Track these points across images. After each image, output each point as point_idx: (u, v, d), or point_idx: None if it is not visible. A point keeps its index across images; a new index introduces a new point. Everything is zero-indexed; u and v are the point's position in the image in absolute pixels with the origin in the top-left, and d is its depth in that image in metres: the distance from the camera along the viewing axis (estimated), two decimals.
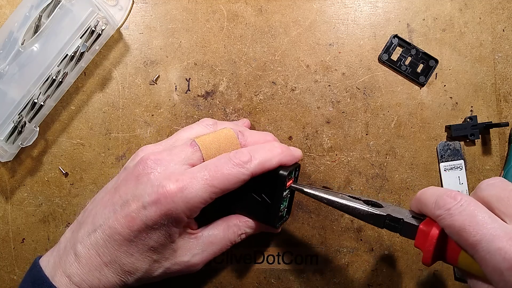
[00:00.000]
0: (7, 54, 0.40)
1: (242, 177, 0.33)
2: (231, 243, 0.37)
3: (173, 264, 0.34)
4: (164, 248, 0.33)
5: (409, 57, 0.46)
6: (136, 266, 0.33)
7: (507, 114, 0.46)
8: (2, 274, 0.44)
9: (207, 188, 0.31)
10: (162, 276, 0.35)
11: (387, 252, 0.45)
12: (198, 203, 0.32)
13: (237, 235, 0.37)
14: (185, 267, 0.35)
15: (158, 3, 0.46)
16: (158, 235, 0.32)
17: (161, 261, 0.34)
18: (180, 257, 0.34)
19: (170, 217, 0.31)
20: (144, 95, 0.45)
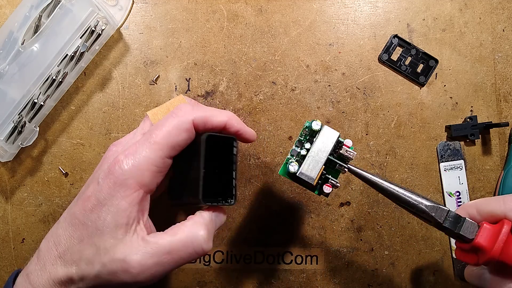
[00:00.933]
0: (7, 54, 0.40)
1: (184, 126, 0.30)
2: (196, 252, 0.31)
3: (110, 260, 0.29)
4: (109, 232, 0.29)
5: (409, 57, 0.46)
6: (82, 254, 0.30)
7: (507, 114, 0.46)
8: (2, 274, 0.44)
9: (152, 146, 0.30)
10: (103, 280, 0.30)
11: (387, 252, 0.45)
12: (147, 165, 0.30)
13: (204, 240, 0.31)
14: (120, 268, 0.29)
15: (158, 3, 0.46)
16: (107, 213, 0.29)
17: (101, 254, 0.29)
18: (119, 252, 0.29)
19: (119, 185, 0.29)
20: (144, 95, 0.45)
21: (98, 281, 0.29)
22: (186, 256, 0.30)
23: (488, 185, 0.45)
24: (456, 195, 0.45)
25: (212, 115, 0.32)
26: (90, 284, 0.30)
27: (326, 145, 0.34)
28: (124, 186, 0.29)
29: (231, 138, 0.33)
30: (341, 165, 0.35)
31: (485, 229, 0.31)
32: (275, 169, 0.45)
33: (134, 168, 0.29)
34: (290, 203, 0.45)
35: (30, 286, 0.30)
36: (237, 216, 0.45)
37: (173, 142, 0.30)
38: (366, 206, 0.45)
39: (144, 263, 0.29)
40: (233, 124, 0.33)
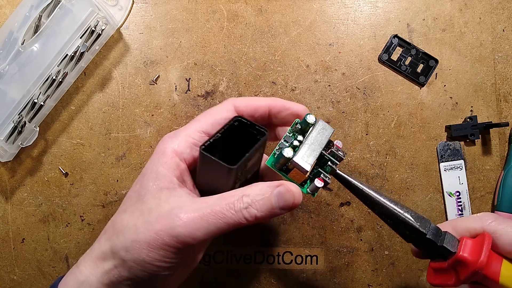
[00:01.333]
0: (7, 54, 0.40)
1: (224, 107, 0.33)
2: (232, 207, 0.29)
3: (156, 217, 0.29)
4: (150, 196, 0.30)
5: (409, 57, 0.46)
6: (124, 221, 0.30)
7: (507, 114, 0.46)
8: (2, 274, 0.44)
9: (192, 122, 0.33)
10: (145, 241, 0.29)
11: (387, 252, 0.45)
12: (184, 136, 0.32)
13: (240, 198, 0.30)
14: (166, 223, 0.28)
15: (158, 3, 0.46)
16: (147, 179, 0.31)
17: (145, 214, 0.30)
18: (165, 208, 0.29)
19: (158, 152, 0.31)
20: (144, 95, 0.45)
21: (142, 248, 0.29)
22: (228, 215, 0.29)
23: (488, 185, 0.45)
24: (456, 195, 0.45)
25: (253, 99, 0.34)
26: (133, 255, 0.29)
27: (321, 138, 0.32)
28: (163, 154, 0.31)
29: (262, 128, 0.31)
30: (333, 162, 0.32)
31: (467, 242, 0.30)
32: None
33: (172, 138, 0.32)
34: None
35: (76, 268, 0.31)
36: None
37: (212, 118, 0.32)
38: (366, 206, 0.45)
39: (189, 215, 0.28)
40: (277, 103, 0.33)
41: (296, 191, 0.30)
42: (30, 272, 0.44)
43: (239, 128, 0.31)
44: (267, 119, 0.34)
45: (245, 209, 0.29)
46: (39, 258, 0.44)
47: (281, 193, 0.29)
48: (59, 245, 0.44)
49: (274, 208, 0.29)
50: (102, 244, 0.31)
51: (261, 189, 0.29)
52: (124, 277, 0.30)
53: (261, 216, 0.29)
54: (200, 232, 0.28)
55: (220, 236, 0.45)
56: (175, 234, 0.28)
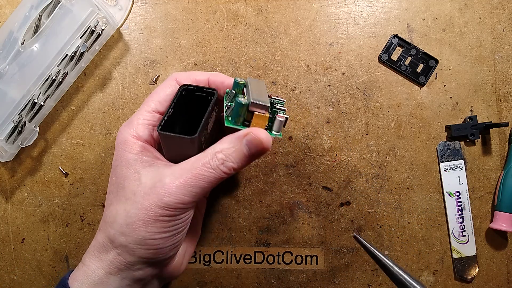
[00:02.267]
0: (7, 54, 0.40)
1: (167, 83, 0.34)
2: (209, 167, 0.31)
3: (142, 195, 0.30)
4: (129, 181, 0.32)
5: (409, 57, 0.46)
6: (112, 212, 0.32)
7: (507, 114, 0.46)
8: (2, 274, 0.44)
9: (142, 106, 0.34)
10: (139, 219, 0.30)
11: (387, 252, 0.45)
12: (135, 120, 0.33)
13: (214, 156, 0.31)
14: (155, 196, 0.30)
15: (158, 3, 0.46)
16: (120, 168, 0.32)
17: (130, 197, 0.31)
18: (148, 185, 0.31)
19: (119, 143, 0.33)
20: (144, 95, 0.45)
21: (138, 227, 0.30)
22: (208, 174, 0.30)
23: (488, 185, 0.45)
24: (456, 195, 0.45)
25: (194, 73, 0.35)
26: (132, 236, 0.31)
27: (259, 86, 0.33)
28: (125, 142, 0.33)
29: (211, 91, 0.32)
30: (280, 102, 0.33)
31: None
32: (275, 169, 0.45)
33: (127, 126, 0.33)
34: (290, 203, 0.45)
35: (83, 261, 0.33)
36: (237, 216, 0.45)
37: (157, 96, 0.34)
38: (366, 206, 0.45)
39: (172, 183, 0.30)
40: (216, 79, 0.35)
41: (263, 135, 0.31)
42: (30, 272, 0.44)
43: (189, 96, 0.32)
44: None
45: (222, 164, 0.31)
46: (39, 258, 0.44)
47: (250, 141, 0.30)
48: (59, 245, 0.44)
49: (247, 156, 0.31)
50: (99, 239, 0.33)
51: (231, 142, 0.31)
52: (130, 262, 0.31)
53: (238, 166, 0.31)
54: (187, 196, 0.30)
55: (220, 236, 0.46)
56: (164, 204, 0.30)
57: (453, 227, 0.45)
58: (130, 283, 0.32)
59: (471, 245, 0.45)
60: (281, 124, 0.32)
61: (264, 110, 0.31)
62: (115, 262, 0.31)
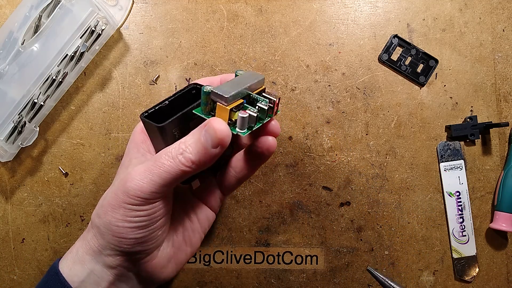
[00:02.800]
0: (7, 54, 0.40)
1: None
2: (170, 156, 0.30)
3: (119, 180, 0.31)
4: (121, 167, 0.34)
5: (409, 57, 0.46)
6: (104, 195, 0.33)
7: (507, 114, 0.46)
8: (2, 274, 0.44)
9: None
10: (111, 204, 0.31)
11: (387, 252, 0.45)
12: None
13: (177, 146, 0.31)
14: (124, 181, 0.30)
15: (158, 3, 0.46)
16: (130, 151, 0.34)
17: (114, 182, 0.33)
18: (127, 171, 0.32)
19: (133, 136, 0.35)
20: (144, 95, 0.45)
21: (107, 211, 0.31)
22: (167, 164, 0.30)
23: (488, 185, 0.45)
24: (456, 195, 0.45)
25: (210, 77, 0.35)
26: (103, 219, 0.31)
27: (248, 79, 0.30)
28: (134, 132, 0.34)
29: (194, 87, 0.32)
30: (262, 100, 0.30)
31: None
32: (275, 169, 0.45)
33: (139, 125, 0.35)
34: (290, 203, 0.45)
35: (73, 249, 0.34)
36: (237, 216, 0.45)
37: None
38: (366, 206, 0.45)
39: (136, 170, 0.30)
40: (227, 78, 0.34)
41: (220, 126, 0.29)
42: (30, 272, 0.44)
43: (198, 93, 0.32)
44: None
45: (180, 155, 0.30)
46: (39, 258, 0.44)
47: (206, 130, 0.29)
48: (59, 245, 0.44)
49: (206, 148, 0.29)
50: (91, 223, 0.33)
51: (193, 133, 0.30)
52: (101, 245, 0.32)
53: (197, 158, 0.29)
54: (146, 184, 0.29)
55: (220, 236, 0.46)
56: (126, 189, 0.30)
57: (453, 227, 0.45)
58: (103, 268, 0.32)
59: (471, 245, 0.45)
60: (244, 120, 0.29)
61: (223, 101, 0.29)
62: (90, 242, 0.32)
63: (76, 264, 0.32)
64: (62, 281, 0.32)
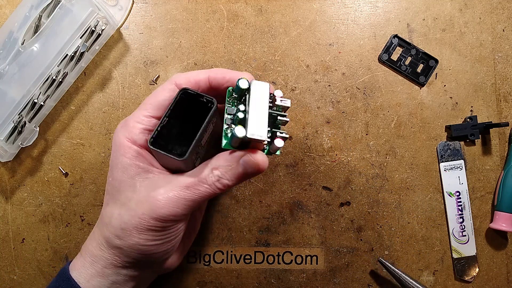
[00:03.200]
0: (7, 54, 0.40)
1: (166, 86, 0.33)
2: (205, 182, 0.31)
3: (137, 203, 0.31)
4: (125, 186, 0.32)
5: (409, 57, 0.46)
6: (109, 213, 0.33)
7: (507, 114, 0.46)
8: (2, 274, 0.44)
9: (139, 107, 0.33)
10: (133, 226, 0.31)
11: (387, 252, 0.45)
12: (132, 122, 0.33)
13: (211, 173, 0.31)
14: (147, 205, 0.31)
15: (158, 3, 0.46)
16: (116, 171, 0.33)
17: (126, 203, 0.32)
18: (142, 194, 0.31)
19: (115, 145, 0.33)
20: (144, 95, 0.45)
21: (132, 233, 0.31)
22: (203, 190, 0.31)
23: (488, 185, 0.45)
24: (456, 195, 0.45)
25: (193, 73, 0.33)
26: (127, 241, 0.31)
27: (262, 99, 0.31)
28: (120, 145, 0.32)
29: (210, 98, 0.31)
30: (282, 115, 0.32)
31: None
32: (275, 169, 0.45)
33: (123, 128, 0.33)
34: (290, 203, 0.45)
35: (81, 252, 0.34)
36: (237, 216, 0.45)
37: (156, 101, 0.33)
38: (366, 206, 0.45)
39: (167, 195, 0.31)
40: (216, 75, 0.33)
41: (260, 158, 0.31)
42: (30, 272, 0.44)
43: (188, 99, 0.31)
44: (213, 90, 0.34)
45: (217, 181, 0.31)
46: (39, 258, 0.44)
47: (247, 162, 0.31)
48: (59, 245, 0.44)
49: (242, 175, 0.31)
50: (97, 237, 0.34)
51: (228, 160, 0.31)
52: (125, 261, 0.33)
53: (232, 184, 0.32)
54: (179, 209, 0.31)
55: (220, 236, 0.46)
56: (157, 215, 0.30)
57: (453, 227, 0.45)
58: (125, 278, 0.34)
59: (471, 245, 0.45)
60: (279, 148, 0.32)
61: (261, 142, 0.30)
62: (110, 260, 0.33)
63: (95, 277, 0.33)
64: (74, 285, 0.32)
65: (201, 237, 0.44)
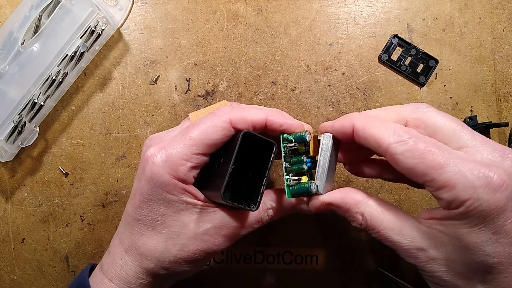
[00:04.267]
0: (7, 54, 0.40)
1: (220, 124, 0.30)
2: (259, 220, 0.34)
3: (188, 239, 0.32)
4: (170, 220, 0.31)
5: (409, 57, 0.46)
6: (149, 246, 0.32)
7: (507, 114, 0.46)
8: (2, 274, 0.44)
9: (186, 141, 0.30)
10: (182, 260, 0.32)
11: (387, 252, 0.45)
12: (179, 159, 0.30)
13: (265, 212, 0.34)
14: (203, 243, 0.32)
15: (158, 3, 0.46)
16: (157, 205, 0.31)
17: (173, 237, 0.32)
18: (192, 229, 0.32)
19: (156, 181, 0.30)
20: (144, 95, 0.45)
21: (180, 265, 0.32)
22: (256, 226, 0.34)
23: None
24: None
25: (250, 113, 0.31)
26: (171, 271, 0.33)
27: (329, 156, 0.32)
28: (164, 184, 0.30)
29: (271, 142, 0.30)
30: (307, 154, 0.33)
31: None
32: (275, 169, 0.45)
33: (168, 163, 0.30)
34: None
35: (102, 274, 0.33)
36: None
37: (208, 139, 0.30)
38: None
39: (224, 238, 0.32)
40: (274, 120, 0.31)
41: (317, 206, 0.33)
42: (30, 272, 0.44)
43: (246, 139, 0.30)
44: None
45: (270, 219, 0.35)
46: (39, 258, 0.44)
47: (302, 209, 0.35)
48: (59, 245, 0.44)
49: (290, 210, 0.35)
50: (133, 267, 0.33)
51: (280, 202, 0.35)
52: (166, 282, 0.35)
53: (277, 217, 0.35)
54: (230, 243, 0.33)
55: None
56: (210, 251, 0.32)
57: None
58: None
59: None
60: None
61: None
62: (146, 284, 0.33)
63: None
64: None
65: None
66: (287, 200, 0.34)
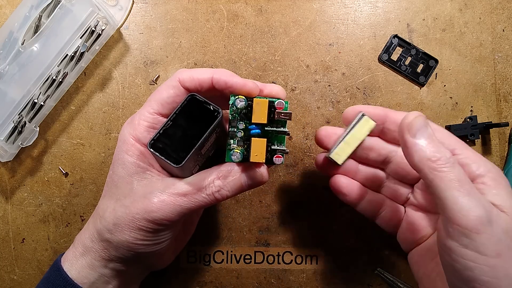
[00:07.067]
0: (7, 54, 0.40)
1: (170, 83, 0.32)
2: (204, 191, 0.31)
3: (131, 201, 0.31)
4: (123, 182, 0.32)
5: (409, 57, 0.46)
6: (103, 206, 0.33)
7: (507, 114, 0.46)
8: (2, 274, 0.44)
9: (145, 104, 0.33)
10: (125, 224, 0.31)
11: (387, 252, 0.45)
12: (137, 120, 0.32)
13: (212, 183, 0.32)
14: (141, 207, 0.31)
15: (158, 3, 0.46)
16: (117, 165, 0.33)
17: (121, 199, 0.32)
18: (138, 193, 0.31)
19: (120, 141, 0.33)
20: (144, 95, 0.45)
21: (123, 230, 0.31)
22: (201, 199, 0.31)
23: None
24: None
25: (197, 72, 0.32)
26: (117, 236, 0.32)
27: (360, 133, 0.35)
28: (124, 142, 0.32)
29: (215, 110, 0.30)
30: (282, 132, 0.32)
31: None
32: (275, 169, 0.45)
33: (129, 124, 0.33)
34: (290, 203, 0.45)
35: (72, 244, 0.35)
36: (237, 216, 0.45)
37: (161, 98, 0.32)
38: None
39: (163, 200, 0.31)
40: (220, 78, 0.31)
41: (264, 171, 0.32)
42: (30, 272, 0.44)
43: (194, 103, 0.31)
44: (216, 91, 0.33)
45: (217, 192, 0.31)
46: (39, 258, 0.44)
47: (252, 178, 0.32)
48: (59, 245, 0.44)
49: (243, 187, 0.32)
50: (90, 228, 0.34)
51: (230, 171, 0.32)
52: (114, 255, 0.33)
53: (231, 195, 0.32)
54: (173, 215, 0.31)
55: (220, 236, 0.45)
56: (151, 218, 0.31)
57: None
58: (112, 271, 0.34)
59: None
60: (279, 164, 0.33)
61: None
62: (100, 252, 0.33)
63: (85, 269, 0.33)
64: (64, 276, 0.33)
65: (201, 237, 0.44)
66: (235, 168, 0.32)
